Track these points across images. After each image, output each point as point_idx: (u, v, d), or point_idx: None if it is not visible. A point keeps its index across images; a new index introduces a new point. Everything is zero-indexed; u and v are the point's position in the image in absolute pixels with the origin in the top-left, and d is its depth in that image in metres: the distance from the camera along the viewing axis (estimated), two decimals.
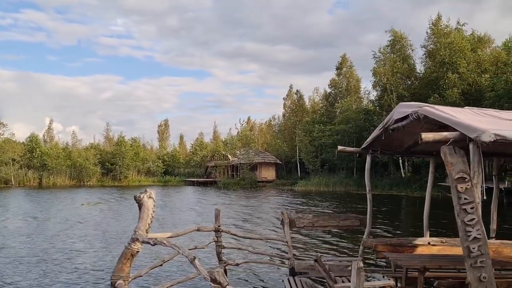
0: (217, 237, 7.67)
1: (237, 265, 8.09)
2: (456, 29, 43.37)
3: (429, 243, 7.75)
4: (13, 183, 54.58)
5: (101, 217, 21.33)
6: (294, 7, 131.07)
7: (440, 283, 5.30)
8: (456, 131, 4.27)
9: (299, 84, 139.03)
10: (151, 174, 66.03)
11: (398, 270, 7.01)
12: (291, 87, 69.48)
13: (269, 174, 59.36)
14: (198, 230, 7.39)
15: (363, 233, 7.94)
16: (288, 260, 7.68)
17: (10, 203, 29.44)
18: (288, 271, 7.76)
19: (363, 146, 7.86)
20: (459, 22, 43.92)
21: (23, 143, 63.22)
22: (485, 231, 4.04)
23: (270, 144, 72.15)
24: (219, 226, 7.61)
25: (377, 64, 46.99)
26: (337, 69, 59.77)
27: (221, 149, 65.80)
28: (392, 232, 15.70)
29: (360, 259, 7.62)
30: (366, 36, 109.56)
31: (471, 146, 4.14)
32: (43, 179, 57.41)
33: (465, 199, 4.00)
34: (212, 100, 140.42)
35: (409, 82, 46.32)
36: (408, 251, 7.24)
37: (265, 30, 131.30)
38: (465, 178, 4.01)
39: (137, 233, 5.65)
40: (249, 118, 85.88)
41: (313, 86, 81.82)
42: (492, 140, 3.81)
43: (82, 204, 27.81)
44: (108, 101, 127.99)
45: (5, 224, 18.31)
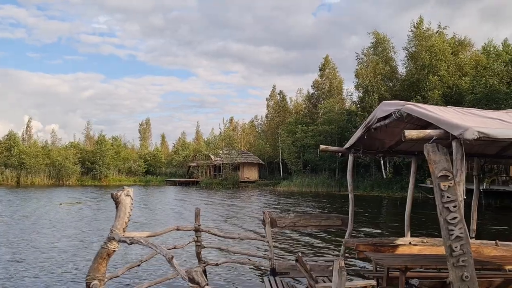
0: (196, 236, 7.52)
1: (216, 265, 7.93)
2: (437, 32, 43.95)
3: (410, 243, 7.74)
4: None
5: (79, 216, 20.91)
6: (279, 9, 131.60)
7: (422, 283, 5.26)
8: (439, 129, 4.22)
9: (283, 85, 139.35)
10: (132, 174, 65.27)
11: (379, 269, 6.97)
12: (274, 87, 69.60)
13: (251, 174, 59.28)
14: (177, 230, 7.23)
15: (345, 233, 7.89)
16: (269, 260, 7.57)
17: None
18: (269, 271, 7.65)
19: (346, 146, 7.81)
20: (440, 25, 44.56)
21: (0, 141, 61.82)
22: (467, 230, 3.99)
23: (252, 144, 72.12)
24: (199, 225, 7.46)
25: (360, 66, 47.34)
26: (320, 70, 60.05)
27: (204, 149, 65.47)
28: (373, 232, 15.74)
29: (342, 258, 7.56)
30: (348, 39, 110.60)
31: (454, 144, 4.09)
32: (21, 178, 56.23)
33: (447, 197, 3.95)
34: (195, 100, 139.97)
35: (391, 84, 46.78)
36: (389, 251, 7.21)
37: (250, 31, 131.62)
38: (448, 176, 3.96)
39: (113, 232, 5.47)
40: (232, 118, 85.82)
41: (296, 87, 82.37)
42: (476, 138, 3.76)
43: (60, 204, 27.24)
44: (89, 99, 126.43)
45: None
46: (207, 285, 3.86)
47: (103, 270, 5.49)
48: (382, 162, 43.29)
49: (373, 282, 5.49)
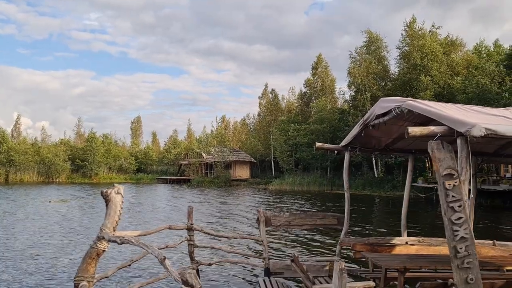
0: (189, 235, 7.32)
1: (210, 265, 7.76)
2: (430, 31, 44.06)
3: (406, 242, 7.62)
4: None
5: (69, 214, 20.59)
6: (271, 8, 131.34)
7: (422, 284, 5.12)
8: (442, 125, 4.07)
9: (275, 84, 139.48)
10: (123, 171, 64.78)
11: (376, 270, 6.83)
12: (266, 86, 69.48)
13: (243, 172, 59.10)
14: (169, 228, 7.04)
15: (339, 232, 7.75)
16: (263, 260, 7.41)
17: None
18: (263, 271, 7.49)
19: (342, 143, 7.66)
20: (434, 25, 44.68)
21: None
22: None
23: (244, 142, 71.92)
24: (191, 224, 7.26)
25: (353, 65, 47.31)
26: (313, 68, 60.05)
27: (195, 147, 65.10)
28: (367, 230, 15.66)
29: (338, 258, 7.42)
30: (340, 38, 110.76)
31: (459, 141, 3.95)
32: (9, 175, 55.57)
33: (452, 196, 3.80)
34: (187, 98, 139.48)
35: (383, 83, 46.82)
36: (386, 250, 7.08)
37: (242, 29, 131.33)
38: (453, 175, 3.81)
39: (103, 231, 5.26)
40: (224, 117, 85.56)
41: (288, 85, 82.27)
42: (483, 135, 3.62)
43: (49, 201, 26.87)
44: (80, 96, 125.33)
45: None
46: (201, 287, 3.68)
47: (92, 271, 5.28)
48: (373, 161, 43.40)
49: (372, 284, 5.34)
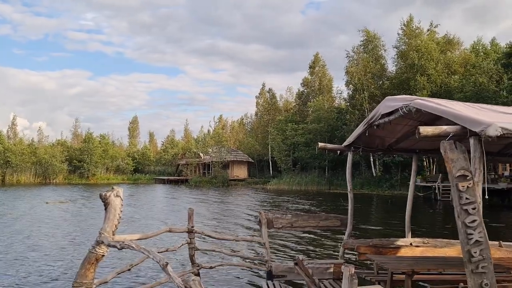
0: (190, 238, 7.17)
1: (211, 268, 7.61)
2: (428, 30, 44.02)
3: (411, 244, 7.50)
4: None
5: (66, 216, 20.39)
6: (267, 7, 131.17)
7: None
8: (455, 124, 3.93)
9: (272, 83, 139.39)
10: (121, 172, 64.53)
11: (381, 272, 6.69)
12: (263, 85, 69.29)
13: (241, 172, 58.95)
14: (169, 231, 6.89)
15: (339, 232, 7.62)
16: (265, 263, 7.26)
17: None
18: (265, 274, 7.34)
19: (345, 143, 7.53)
20: (432, 23, 44.65)
21: None
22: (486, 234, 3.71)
23: (242, 142, 71.75)
24: (192, 227, 7.11)
25: (350, 64, 47.21)
26: (310, 68, 59.90)
27: (193, 147, 64.89)
28: (368, 231, 15.54)
29: (343, 261, 7.28)
30: (337, 38, 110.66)
31: (472, 141, 3.81)
32: (6, 176, 55.27)
33: (466, 198, 3.67)
34: (184, 97, 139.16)
35: (381, 82, 46.74)
36: (391, 252, 6.95)
37: (239, 29, 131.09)
38: (467, 176, 3.67)
39: (102, 235, 5.10)
40: (221, 116, 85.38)
41: (286, 85, 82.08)
42: (499, 134, 3.48)
43: (47, 203, 26.62)
44: (76, 97, 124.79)
45: None
46: None
47: (91, 276, 5.13)
48: (372, 160, 43.32)
49: (380, 287, 5.19)
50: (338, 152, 8.03)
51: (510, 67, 30.20)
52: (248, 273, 9.00)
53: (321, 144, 7.68)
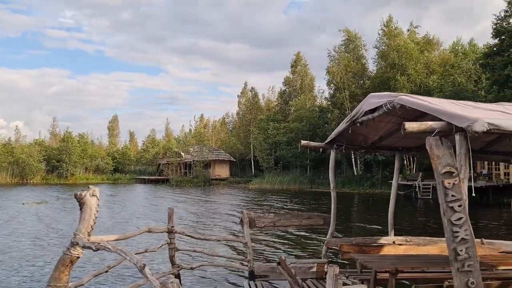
0: (170, 238, 6.98)
1: (192, 269, 7.43)
2: (408, 30, 44.53)
3: (394, 242, 7.46)
4: None
5: (42, 217, 19.89)
6: (249, 6, 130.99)
7: (417, 287, 4.91)
8: (440, 120, 3.86)
9: (254, 82, 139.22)
10: (100, 172, 63.51)
11: (364, 271, 6.62)
12: (245, 84, 69.14)
13: (222, 171, 58.69)
14: (149, 232, 6.69)
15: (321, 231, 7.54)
16: (247, 263, 7.13)
17: None
18: (247, 274, 7.21)
19: (327, 140, 7.44)
20: (412, 23, 45.19)
21: None
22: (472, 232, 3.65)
23: (224, 141, 71.47)
24: (172, 227, 6.93)
25: (332, 63, 47.47)
26: (292, 67, 60.00)
27: (174, 146, 64.31)
28: (351, 229, 15.56)
29: (325, 260, 7.20)
30: (319, 37, 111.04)
31: (457, 137, 3.74)
32: None
33: (452, 196, 3.59)
34: (165, 97, 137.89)
35: (362, 81, 47.11)
36: (374, 251, 6.89)
37: (220, 28, 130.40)
38: (453, 173, 3.60)
39: (77, 236, 4.90)
40: (202, 116, 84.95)
41: (267, 84, 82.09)
42: (485, 130, 3.41)
43: (23, 203, 25.98)
44: (55, 95, 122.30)
45: None
46: None
47: (66, 279, 4.92)
48: (353, 159, 43.59)
49: (365, 287, 5.11)
50: (321, 150, 7.94)
51: (488, 67, 30.69)
52: (230, 273, 8.86)
53: (304, 142, 7.58)
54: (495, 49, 30.77)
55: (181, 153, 59.30)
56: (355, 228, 16.29)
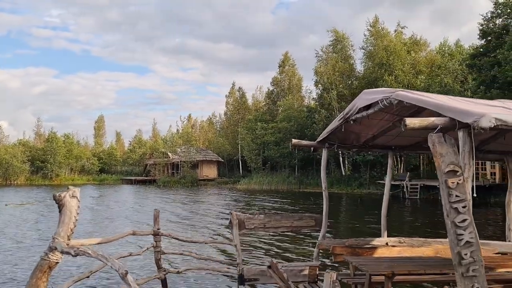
0: (156, 241, 6.69)
1: (178, 272, 7.16)
2: (395, 31, 44.68)
3: (387, 243, 7.25)
4: None
5: (25, 218, 19.36)
6: (238, 6, 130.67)
7: None
8: (442, 116, 3.64)
9: (242, 83, 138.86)
10: (86, 173, 62.63)
11: (357, 274, 6.40)
12: (233, 84, 68.80)
13: (210, 172, 58.29)
14: (133, 234, 6.41)
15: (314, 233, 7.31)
16: (237, 266, 6.87)
17: None
18: (236, 277, 6.95)
19: (319, 139, 7.21)
20: (399, 24, 45.36)
21: None
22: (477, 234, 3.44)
23: (211, 142, 71.05)
24: (158, 229, 6.64)
25: (319, 63, 47.43)
26: (280, 67, 59.89)
27: (161, 146, 63.68)
28: (341, 229, 15.38)
29: (317, 263, 6.98)
30: (307, 38, 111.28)
31: (461, 134, 3.54)
32: None
33: (456, 196, 3.38)
34: (153, 96, 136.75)
35: (350, 82, 47.14)
36: (367, 253, 6.68)
37: (209, 28, 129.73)
38: (457, 172, 3.39)
39: (55, 240, 4.59)
40: (190, 116, 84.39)
41: (255, 85, 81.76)
42: (493, 126, 3.21)
43: (6, 205, 25.36)
44: (41, 95, 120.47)
45: None
46: None
47: (43, 286, 4.62)
48: (341, 159, 43.56)
49: None
50: (312, 149, 7.72)
51: (475, 67, 30.91)
52: (219, 277, 8.58)
53: (294, 141, 7.34)
54: (481, 49, 31.01)
55: (168, 153, 58.74)
56: (346, 229, 16.13)
